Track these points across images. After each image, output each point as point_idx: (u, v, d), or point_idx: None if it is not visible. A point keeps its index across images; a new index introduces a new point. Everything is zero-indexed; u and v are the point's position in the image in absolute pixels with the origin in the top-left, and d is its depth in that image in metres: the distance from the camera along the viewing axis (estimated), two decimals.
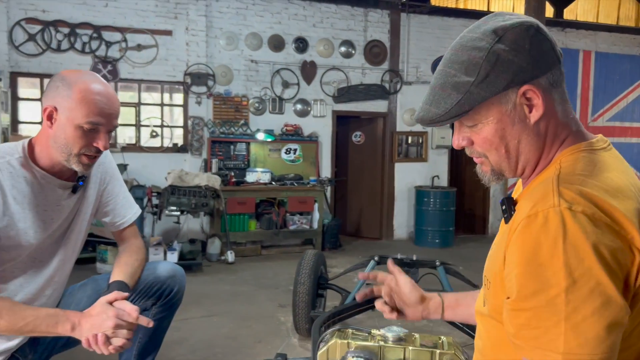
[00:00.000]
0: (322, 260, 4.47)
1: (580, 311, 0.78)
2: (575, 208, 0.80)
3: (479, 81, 0.88)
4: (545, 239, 0.80)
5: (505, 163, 0.96)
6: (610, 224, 0.80)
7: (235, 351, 3.89)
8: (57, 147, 1.33)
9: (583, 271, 0.78)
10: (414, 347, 1.51)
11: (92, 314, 1.32)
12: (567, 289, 0.78)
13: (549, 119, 0.93)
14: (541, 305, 0.80)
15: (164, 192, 6.09)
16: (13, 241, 1.33)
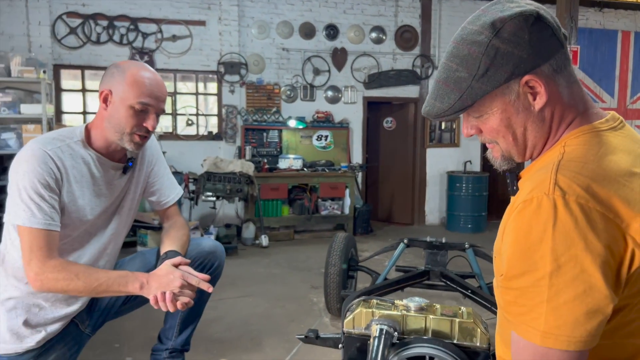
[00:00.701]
0: (353, 242, 4.59)
1: (562, 295, 0.82)
2: (568, 197, 0.83)
3: (479, 76, 0.90)
4: (536, 224, 0.84)
5: (514, 149, 0.99)
6: (605, 213, 0.82)
7: (269, 329, 4.06)
8: (111, 128, 1.48)
9: (569, 258, 0.81)
10: (435, 316, 1.61)
11: (159, 275, 1.46)
12: (551, 273, 0.82)
13: (554, 105, 0.95)
14: (527, 286, 0.85)
15: (200, 179, 6.31)
16: (73, 216, 1.49)
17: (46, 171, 1.42)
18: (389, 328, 1.59)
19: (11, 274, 1.47)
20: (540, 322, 0.83)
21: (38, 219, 1.41)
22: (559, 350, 0.83)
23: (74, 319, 1.59)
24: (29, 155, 1.43)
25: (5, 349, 1.50)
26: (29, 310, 1.49)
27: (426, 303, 1.67)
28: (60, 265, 1.43)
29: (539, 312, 0.83)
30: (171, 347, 1.76)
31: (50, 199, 1.42)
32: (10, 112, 5.97)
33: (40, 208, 1.41)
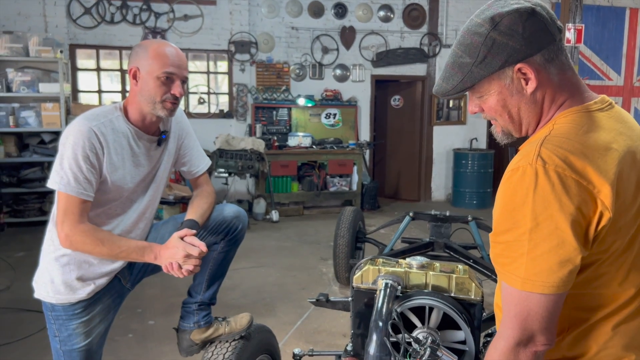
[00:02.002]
0: (360, 216, 4.79)
1: (539, 248, 0.97)
2: (548, 166, 0.97)
3: (478, 62, 1.06)
4: (520, 188, 0.99)
5: (511, 126, 1.14)
6: (579, 180, 0.96)
7: (281, 296, 4.31)
8: (143, 100, 1.67)
9: (545, 217, 0.96)
10: (434, 272, 1.82)
11: (168, 247, 1.68)
12: (531, 229, 0.97)
13: (545, 89, 1.08)
14: (511, 240, 1.01)
15: (212, 155, 6.51)
16: (116, 185, 1.69)
17: (88, 146, 1.61)
18: (393, 283, 1.79)
19: None
20: (521, 271, 0.99)
21: (72, 187, 1.61)
22: (537, 294, 0.99)
23: (117, 275, 1.81)
24: (76, 130, 1.63)
25: (60, 299, 1.73)
26: (80, 266, 1.72)
27: (427, 261, 1.87)
28: (88, 230, 1.64)
29: (520, 262, 0.99)
30: (200, 300, 1.98)
31: (87, 171, 1.62)
32: (29, 90, 6.17)
33: (76, 178, 1.61)
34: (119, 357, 3.26)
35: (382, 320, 1.60)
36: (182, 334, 2.01)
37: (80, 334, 1.75)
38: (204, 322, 1.99)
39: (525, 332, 1.01)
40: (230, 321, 2.02)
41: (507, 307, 1.04)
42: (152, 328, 3.67)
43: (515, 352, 1.02)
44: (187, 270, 1.66)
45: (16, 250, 5.33)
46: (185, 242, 1.66)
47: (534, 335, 1.01)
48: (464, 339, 1.76)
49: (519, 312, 1.01)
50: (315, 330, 3.67)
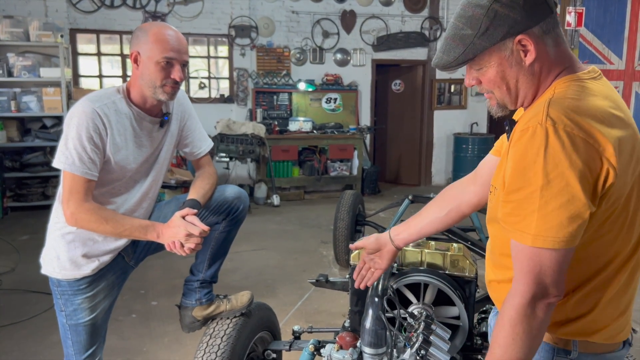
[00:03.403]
0: (360, 199, 4.84)
1: (550, 204, 1.00)
2: (557, 125, 1.00)
3: (480, 34, 1.08)
4: (531, 148, 1.01)
5: (507, 98, 1.17)
6: (586, 138, 1.00)
7: (282, 278, 4.38)
8: (144, 84, 1.71)
9: (556, 174, 0.99)
10: (429, 250, 1.86)
11: (170, 226, 1.73)
12: (542, 187, 1.00)
13: (542, 61, 1.12)
14: (522, 198, 1.03)
15: (213, 140, 6.52)
16: (119, 165, 1.73)
17: (92, 127, 1.65)
18: None
19: None
20: (532, 227, 1.02)
21: (77, 167, 1.65)
22: (547, 249, 1.02)
23: (121, 252, 1.86)
24: (80, 111, 1.66)
25: (65, 274, 1.78)
26: (85, 243, 1.77)
27: (422, 240, 1.92)
28: (93, 209, 1.68)
29: (531, 219, 1.02)
30: (201, 278, 2.04)
31: (92, 152, 1.66)
32: (30, 75, 6.19)
33: (81, 158, 1.65)
34: (123, 337, 3.33)
35: (378, 296, 1.65)
36: (184, 311, 2.06)
37: (85, 308, 1.81)
38: (205, 299, 2.04)
39: (539, 287, 1.05)
40: (231, 299, 2.08)
41: (519, 265, 1.07)
42: (155, 308, 3.75)
43: (531, 306, 1.05)
44: (188, 248, 1.70)
45: (20, 234, 5.40)
46: (187, 221, 1.71)
47: (547, 288, 1.05)
48: (458, 315, 1.81)
49: (532, 268, 1.05)
50: (315, 310, 3.74)
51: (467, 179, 1.56)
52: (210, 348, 1.99)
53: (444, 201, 1.57)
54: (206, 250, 2.02)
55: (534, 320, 1.06)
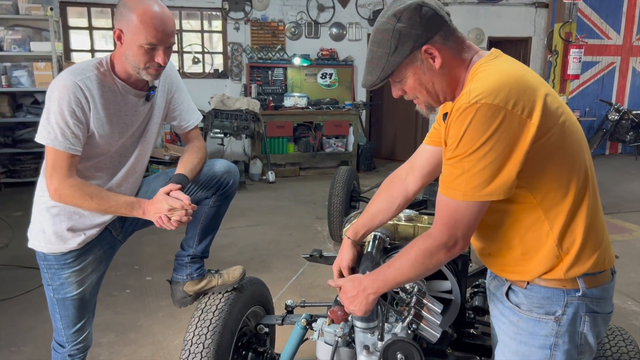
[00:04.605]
0: (355, 175, 4.82)
1: (476, 167, 1.19)
2: (480, 101, 1.16)
3: (392, 52, 1.27)
4: (462, 122, 1.18)
5: (430, 99, 1.36)
6: (507, 107, 1.16)
7: (277, 253, 4.38)
8: (128, 63, 1.65)
9: (482, 142, 1.17)
10: (422, 224, 1.85)
11: (154, 202, 1.71)
12: (470, 153, 1.18)
13: (449, 61, 1.30)
14: (453, 163, 1.22)
15: (207, 116, 6.47)
16: (104, 139, 1.69)
17: (74, 101, 1.60)
18: (382, 235, 1.83)
19: None
20: (462, 187, 1.21)
21: (60, 142, 1.61)
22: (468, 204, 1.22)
23: (109, 227, 1.84)
24: (61, 85, 1.61)
25: (51, 249, 1.76)
26: (70, 217, 1.74)
27: (415, 214, 1.90)
28: (77, 185, 1.65)
29: (460, 179, 1.21)
30: (192, 253, 2.02)
31: (74, 126, 1.62)
32: (20, 49, 6.08)
33: (64, 133, 1.61)
34: (117, 312, 3.34)
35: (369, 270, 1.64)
36: (175, 286, 2.05)
37: (73, 283, 1.79)
38: (196, 274, 2.03)
39: (451, 238, 1.26)
40: (223, 274, 2.07)
41: (439, 214, 1.28)
42: (149, 284, 3.75)
43: (438, 249, 1.28)
44: (175, 221, 1.68)
45: (14, 210, 5.37)
46: (171, 197, 1.68)
47: (457, 241, 1.27)
48: (450, 289, 1.80)
49: (449, 219, 1.25)
50: (309, 285, 3.75)
51: (404, 170, 1.73)
52: (202, 323, 1.98)
53: (392, 197, 1.70)
54: (196, 225, 2.00)
55: (435, 259, 1.30)
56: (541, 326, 1.32)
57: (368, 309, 1.45)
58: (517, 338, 1.37)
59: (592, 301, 1.31)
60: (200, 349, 1.93)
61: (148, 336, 3.05)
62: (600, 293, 1.33)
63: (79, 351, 1.89)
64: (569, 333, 1.31)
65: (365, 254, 1.78)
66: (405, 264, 1.35)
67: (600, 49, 8.77)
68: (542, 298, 1.32)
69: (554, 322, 1.31)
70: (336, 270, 1.73)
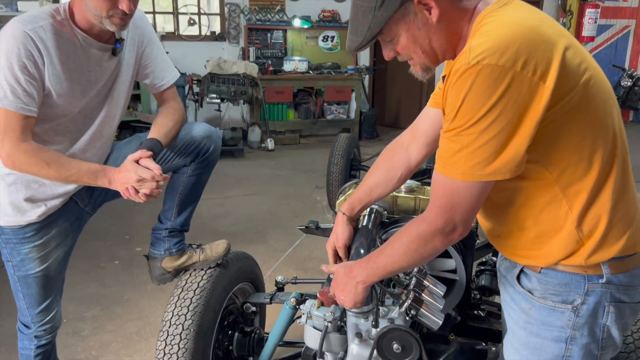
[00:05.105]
0: (355, 143, 4.61)
1: (477, 141, 0.99)
2: (481, 61, 0.96)
3: (379, 5, 1.06)
4: (460, 89, 0.98)
5: (427, 59, 1.15)
6: (514, 68, 0.95)
7: (274, 224, 4.21)
8: (88, 11, 1.43)
9: (485, 111, 0.97)
10: (425, 196, 1.65)
11: (121, 171, 1.51)
12: (471, 125, 0.99)
13: (448, 13, 1.08)
14: (451, 137, 1.03)
15: (203, 80, 6.23)
16: (64, 99, 1.49)
17: (25, 54, 1.39)
18: (379, 208, 1.64)
19: None
20: (460, 164, 1.02)
21: (10, 101, 1.41)
22: (468, 184, 1.03)
23: (74, 197, 1.65)
24: (9, 35, 1.39)
25: (8, 221, 1.58)
26: (28, 186, 1.55)
27: (417, 185, 1.70)
28: (32, 150, 1.45)
29: (459, 156, 1.02)
30: (170, 227, 1.84)
31: (26, 83, 1.41)
32: (7, 9, 5.80)
33: (14, 91, 1.40)
34: (103, 284, 3.20)
35: (364, 248, 1.45)
36: (152, 262, 1.88)
37: (34, 259, 1.61)
38: (175, 249, 1.85)
39: (448, 223, 1.09)
40: (205, 248, 1.89)
41: (435, 195, 1.10)
42: (139, 255, 3.59)
43: (433, 235, 1.11)
44: (143, 194, 1.49)
45: None
46: (140, 165, 1.48)
47: (456, 226, 1.09)
48: (454, 268, 1.62)
49: (446, 202, 1.07)
50: (306, 257, 3.60)
51: (406, 137, 1.53)
52: (182, 302, 1.82)
53: (392, 168, 1.52)
54: (174, 196, 1.81)
55: (430, 246, 1.13)
56: (556, 316, 1.14)
57: (358, 300, 1.27)
58: (528, 328, 1.18)
59: (618, 289, 1.12)
60: (179, 330, 1.78)
61: (135, 311, 2.91)
62: (629, 280, 1.13)
63: (46, 332, 1.73)
64: (588, 325, 1.13)
65: (359, 228, 1.59)
66: (397, 250, 1.18)
67: (614, 12, 8.38)
68: (558, 284, 1.14)
69: (572, 312, 1.12)
70: (331, 249, 1.55)
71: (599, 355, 1.15)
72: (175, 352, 1.75)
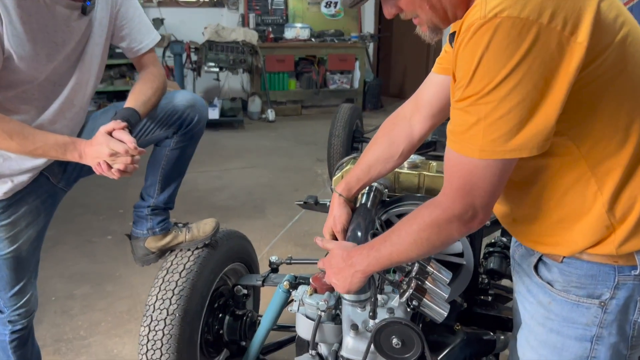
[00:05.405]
0: (358, 114, 4.43)
1: (497, 111, 0.83)
2: (500, 14, 0.80)
3: None
4: (475, 49, 0.82)
5: (435, 17, 0.98)
6: (539, 19, 0.80)
7: (273, 198, 4.08)
8: None
9: (504, 75, 0.81)
10: (429, 173, 1.50)
11: (93, 144, 1.37)
12: (489, 91, 0.83)
13: None
14: (465, 107, 0.87)
15: (201, 48, 6.03)
16: (27, 63, 1.33)
17: None
18: (378, 185, 1.49)
19: None
20: (478, 139, 0.86)
21: None
22: (489, 162, 0.88)
23: (45, 172, 1.51)
24: None
25: None
26: None
27: (421, 160, 1.55)
28: None
29: (476, 129, 0.86)
30: (153, 204, 1.70)
31: None
32: None
33: None
34: (95, 260, 3.10)
35: (361, 231, 1.31)
36: (135, 242, 1.75)
37: (3, 239, 1.48)
38: (159, 228, 1.72)
39: (467, 209, 0.93)
40: (192, 227, 1.75)
41: (450, 177, 0.95)
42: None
43: (447, 223, 0.96)
44: (117, 170, 1.34)
45: None
46: (113, 138, 1.33)
47: (476, 212, 0.93)
48: (460, 251, 1.48)
49: (463, 184, 0.92)
50: (305, 232, 3.48)
51: (409, 108, 1.36)
52: (167, 285, 1.70)
53: (393, 142, 1.36)
54: (156, 171, 1.67)
55: (444, 235, 0.99)
56: (581, 312, 1.00)
57: (352, 289, 1.14)
58: (548, 325, 1.04)
59: None
60: (163, 315, 1.66)
61: (126, 288, 2.80)
62: None
63: (20, 317, 1.61)
64: (617, 322, 0.99)
65: (358, 207, 1.45)
66: (405, 239, 1.02)
67: None
68: (583, 276, 0.99)
69: (599, 308, 0.98)
70: (328, 235, 1.41)
71: (627, 355, 1.01)
72: (159, 339, 1.64)
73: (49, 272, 2.89)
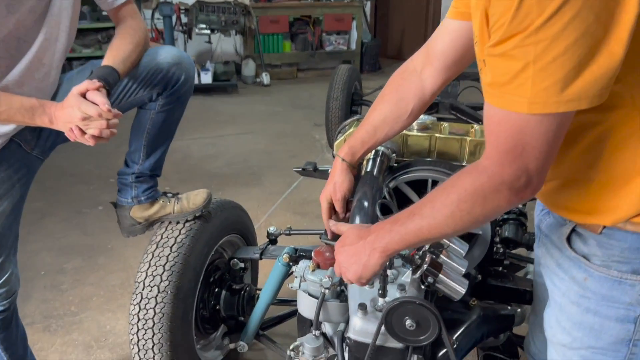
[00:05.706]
0: (357, 75, 4.26)
1: (550, 51, 0.69)
2: None
3: None
4: None
5: None
6: None
7: (269, 164, 3.94)
8: None
9: (558, 5, 0.67)
10: (442, 135, 1.36)
11: (64, 107, 1.24)
12: (538, 27, 0.68)
13: None
14: (508, 51, 0.72)
15: (191, 9, 5.77)
16: None
17: None
18: (385, 149, 1.35)
19: None
20: (527, 89, 0.72)
21: None
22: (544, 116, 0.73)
23: (15, 139, 1.36)
24: None
25: None
26: None
27: (432, 121, 1.41)
28: None
29: (524, 76, 0.72)
30: (137, 171, 1.57)
31: None
32: None
33: None
34: (85, 232, 2.98)
35: (368, 200, 1.18)
36: (120, 210, 1.63)
37: None
38: (145, 197, 1.59)
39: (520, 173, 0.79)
40: (181, 198, 1.62)
41: (494, 138, 0.80)
42: None
43: (495, 191, 0.82)
44: (91, 136, 1.20)
45: None
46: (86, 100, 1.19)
47: (530, 177, 0.79)
48: None
49: (513, 145, 0.77)
50: (304, 200, 3.36)
51: (419, 60, 1.20)
52: (157, 260, 1.59)
53: (402, 100, 1.20)
54: (140, 136, 1.53)
55: (490, 206, 0.84)
56: (623, 289, 0.87)
57: (365, 274, 1.00)
58: (583, 304, 0.92)
59: None
60: (154, 292, 1.55)
61: (119, 261, 2.70)
62: None
63: (1, 297, 1.49)
64: None
65: (363, 175, 1.32)
66: (441, 211, 0.87)
67: None
68: (627, 249, 0.86)
69: None
70: (326, 202, 1.28)
71: None
72: (150, 318, 1.54)
73: (37, 246, 2.77)
